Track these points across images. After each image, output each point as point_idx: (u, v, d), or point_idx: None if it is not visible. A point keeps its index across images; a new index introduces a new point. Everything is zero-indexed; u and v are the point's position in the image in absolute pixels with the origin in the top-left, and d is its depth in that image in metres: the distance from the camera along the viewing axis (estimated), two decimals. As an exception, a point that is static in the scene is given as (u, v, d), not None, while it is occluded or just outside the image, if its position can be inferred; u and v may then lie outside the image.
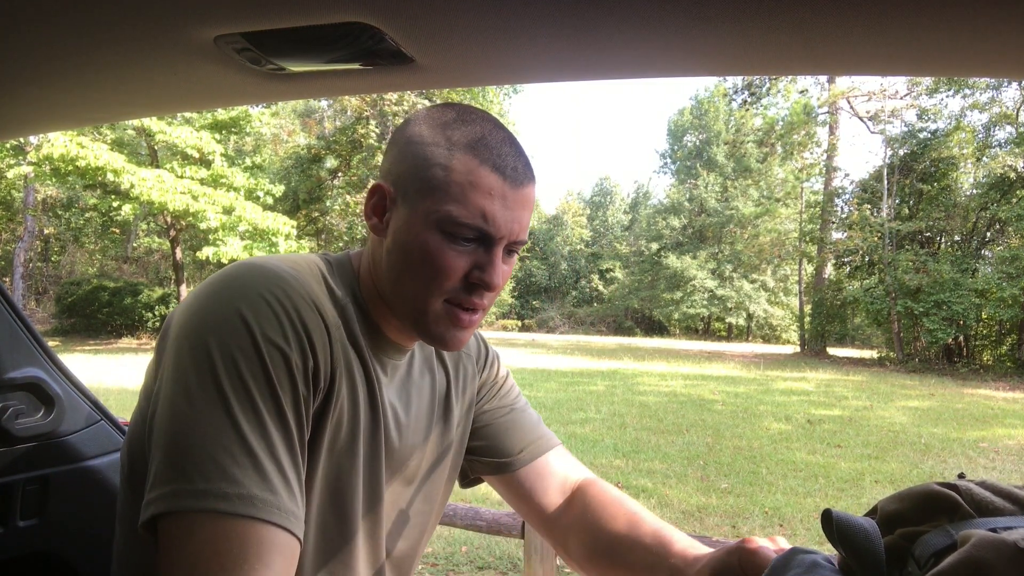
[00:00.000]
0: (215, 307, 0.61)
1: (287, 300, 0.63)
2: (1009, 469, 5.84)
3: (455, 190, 0.66)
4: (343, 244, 23.32)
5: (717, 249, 32.32)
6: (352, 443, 0.70)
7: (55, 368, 1.18)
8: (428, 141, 0.69)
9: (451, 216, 0.66)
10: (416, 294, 0.69)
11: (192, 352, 0.60)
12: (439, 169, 0.67)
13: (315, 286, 0.68)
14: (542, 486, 0.91)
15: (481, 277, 0.69)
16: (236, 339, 0.59)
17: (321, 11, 0.61)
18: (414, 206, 0.68)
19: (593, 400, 9.38)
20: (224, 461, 0.55)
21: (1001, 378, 13.90)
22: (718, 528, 4.14)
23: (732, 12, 0.58)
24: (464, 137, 0.68)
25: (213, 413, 0.57)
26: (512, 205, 0.68)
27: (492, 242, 0.69)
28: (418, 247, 0.67)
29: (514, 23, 0.63)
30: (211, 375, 0.58)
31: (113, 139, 15.35)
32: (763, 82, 23.08)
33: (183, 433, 0.57)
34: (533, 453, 0.92)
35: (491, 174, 0.67)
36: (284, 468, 0.58)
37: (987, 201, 16.60)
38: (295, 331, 0.62)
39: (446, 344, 0.72)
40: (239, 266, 0.66)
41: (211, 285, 0.65)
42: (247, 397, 0.58)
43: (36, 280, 24.57)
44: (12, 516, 1.10)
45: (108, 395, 8.25)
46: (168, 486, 0.55)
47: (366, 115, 21.42)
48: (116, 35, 0.69)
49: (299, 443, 0.62)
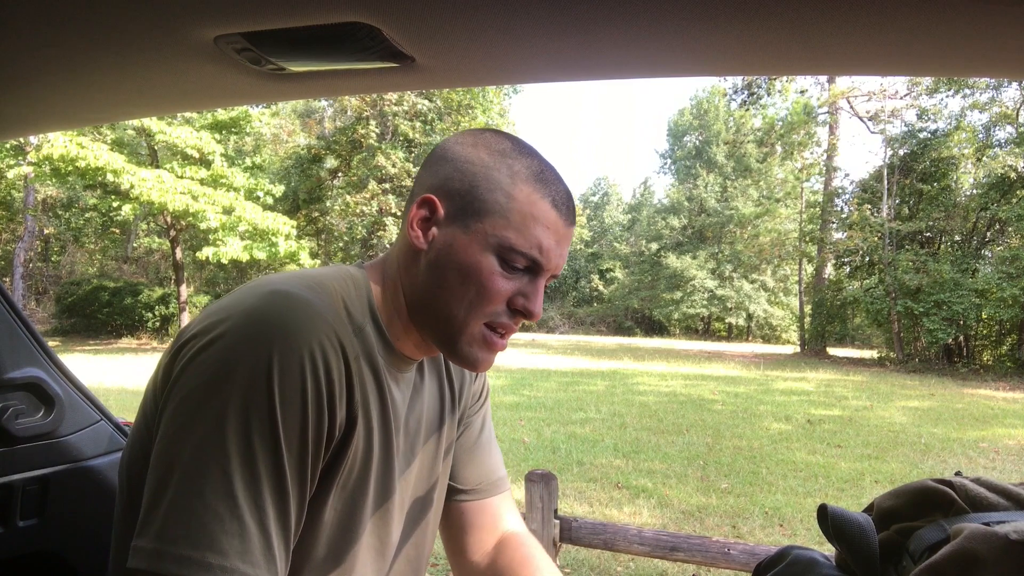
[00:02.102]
0: (242, 351, 0.58)
1: (318, 350, 0.61)
2: (1009, 469, 5.84)
3: (516, 218, 0.68)
4: (343, 244, 23.32)
5: (717, 249, 32.30)
6: (366, 467, 0.70)
7: (55, 368, 1.19)
8: (489, 165, 0.70)
9: (510, 243, 0.68)
10: (457, 313, 0.69)
11: (207, 394, 0.58)
12: (501, 195, 0.69)
13: (341, 317, 0.67)
14: (478, 526, 0.92)
15: (525, 305, 0.71)
16: (255, 395, 0.57)
17: (321, 11, 0.61)
18: (468, 226, 0.69)
19: (593, 400, 9.38)
20: (213, 528, 0.54)
21: (1001, 378, 13.89)
22: (718, 528, 4.14)
23: (732, 12, 0.58)
24: (525, 168, 0.70)
25: (212, 470, 0.55)
26: (562, 241, 0.71)
27: (540, 273, 0.71)
28: (470, 267, 0.68)
29: (514, 23, 0.63)
30: (219, 427, 0.56)
31: (113, 139, 15.34)
32: (763, 82, 23.06)
33: (178, 482, 0.55)
34: (486, 493, 0.94)
35: (551, 209, 0.70)
36: (271, 539, 0.57)
37: (987, 201, 16.57)
38: (317, 390, 0.60)
39: (475, 366, 0.72)
40: (274, 297, 0.62)
41: (246, 317, 0.61)
42: (249, 460, 0.56)
43: (36, 280, 24.55)
44: (12, 516, 1.10)
45: (108, 395, 8.25)
46: (153, 543, 0.54)
47: (366, 115, 21.41)
48: (116, 35, 0.69)
49: (296, 507, 0.61)
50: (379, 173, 21.00)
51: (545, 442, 6.28)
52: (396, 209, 20.98)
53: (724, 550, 2.29)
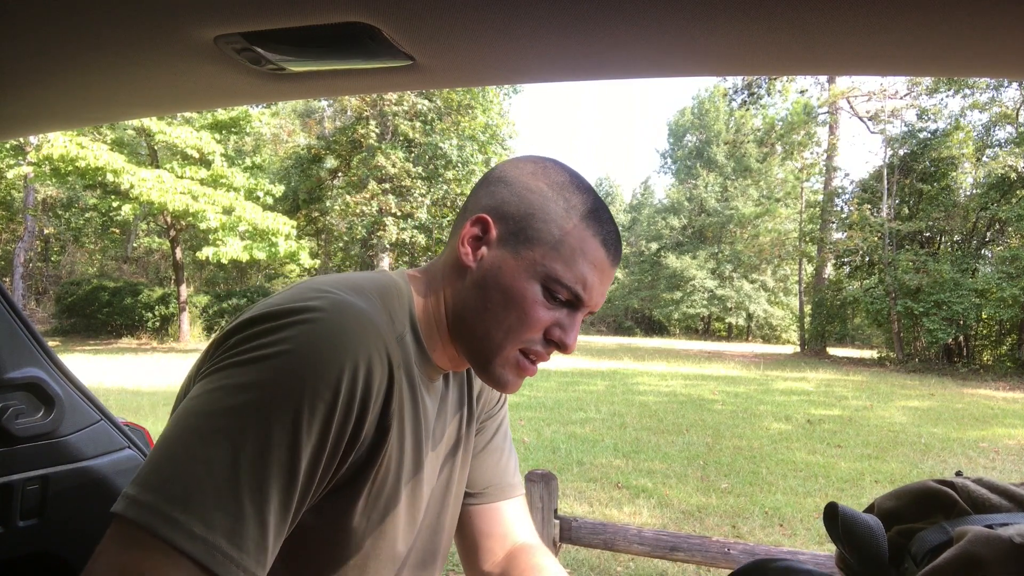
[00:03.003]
0: (288, 347, 0.58)
1: (363, 359, 0.61)
2: (1009, 469, 5.84)
3: (566, 252, 0.70)
4: (343, 244, 23.31)
5: (717, 249, 32.31)
6: (398, 475, 0.71)
7: (55, 368, 1.19)
8: (547, 196, 0.71)
9: (556, 274, 0.69)
10: (495, 335, 0.71)
11: (242, 375, 0.58)
12: (555, 227, 0.70)
13: (388, 326, 0.68)
14: (489, 533, 0.92)
15: (562, 338, 0.72)
16: (288, 389, 0.57)
17: (321, 11, 0.61)
18: (518, 252, 0.70)
19: (593, 400, 9.38)
20: (208, 499, 0.53)
21: (1001, 378, 13.89)
22: (718, 528, 4.14)
23: (732, 12, 0.58)
24: (581, 204, 0.72)
25: (223, 445, 0.55)
26: (604, 280, 0.73)
27: (579, 308, 0.72)
28: (515, 292, 0.69)
29: (514, 23, 0.63)
30: (244, 407, 0.56)
31: (113, 139, 15.34)
32: (763, 82, 23.06)
33: (188, 444, 0.55)
34: (496, 496, 0.94)
35: (600, 248, 0.71)
36: (267, 530, 0.56)
37: (987, 201, 16.57)
38: (350, 397, 0.60)
39: (504, 387, 0.74)
40: (331, 302, 0.63)
41: (301, 316, 0.61)
42: (263, 447, 0.56)
43: (36, 280, 24.55)
44: (12, 516, 1.10)
45: (108, 395, 8.25)
46: (147, 495, 0.53)
47: (366, 115, 21.40)
48: (116, 35, 0.69)
49: (296, 509, 0.60)
50: (379, 173, 20.99)
51: (545, 442, 6.28)
52: (396, 209, 20.96)
53: (724, 550, 2.29)
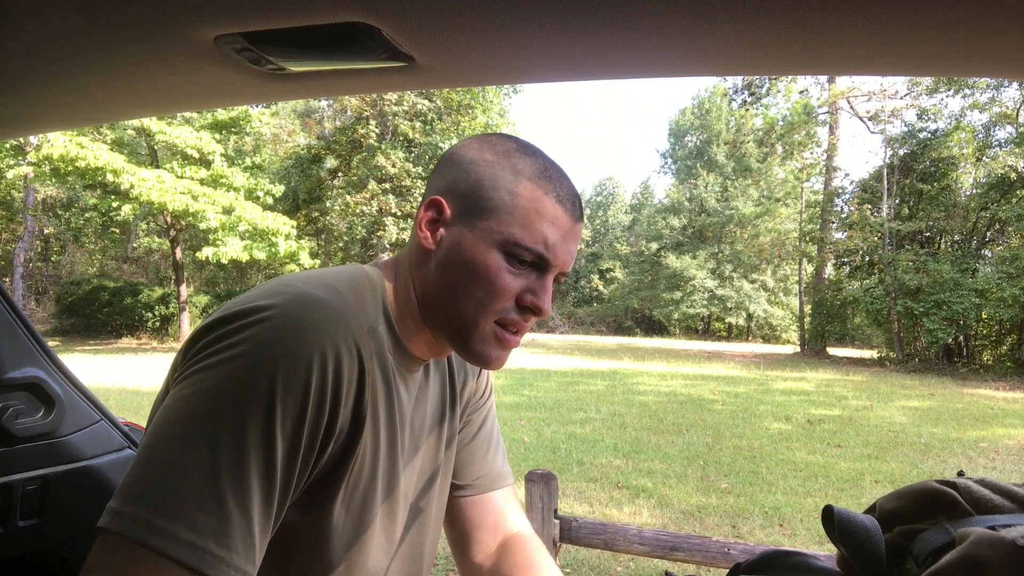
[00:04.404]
0: (256, 345, 0.59)
1: (331, 353, 0.61)
2: (1009, 469, 5.84)
3: (520, 215, 0.69)
4: (343, 244, 23.30)
5: (717, 249, 32.30)
6: (373, 467, 0.71)
7: (55, 368, 1.19)
8: (493, 164, 0.71)
9: (515, 238, 0.69)
10: (467, 311, 0.70)
11: (214, 377, 0.58)
12: (505, 193, 0.70)
13: (358, 318, 0.67)
14: (480, 524, 0.93)
15: (534, 301, 0.71)
16: (258, 386, 0.57)
17: (321, 11, 0.61)
18: (474, 225, 0.70)
19: (593, 400, 9.38)
20: (191, 505, 0.53)
21: (1001, 378, 13.89)
22: (718, 528, 4.14)
23: (732, 12, 0.58)
24: (529, 167, 0.71)
25: (200, 448, 0.55)
26: (569, 237, 0.72)
27: (547, 269, 0.71)
28: (477, 265, 0.69)
29: (514, 23, 0.63)
30: (217, 409, 0.57)
31: (113, 139, 15.34)
32: (763, 82, 23.07)
33: (167, 451, 0.55)
34: (485, 486, 0.94)
35: (556, 205, 0.70)
36: (252, 525, 0.56)
37: (987, 201, 16.57)
38: (322, 391, 0.60)
39: (488, 363, 0.73)
40: (296, 297, 0.63)
41: (266, 313, 0.61)
42: (240, 445, 0.56)
43: (36, 280, 24.55)
44: (12, 516, 1.10)
45: (108, 395, 8.25)
46: (131, 507, 0.53)
47: (366, 115, 21.41)
48: (116, 35, 0.69)
49: (279, 502, 0.60)
50: (379, 173, 21.00)
51: (545, 442, 6.28)
52: (396, 209, 20.97)
53: (724, 550, 2.29)
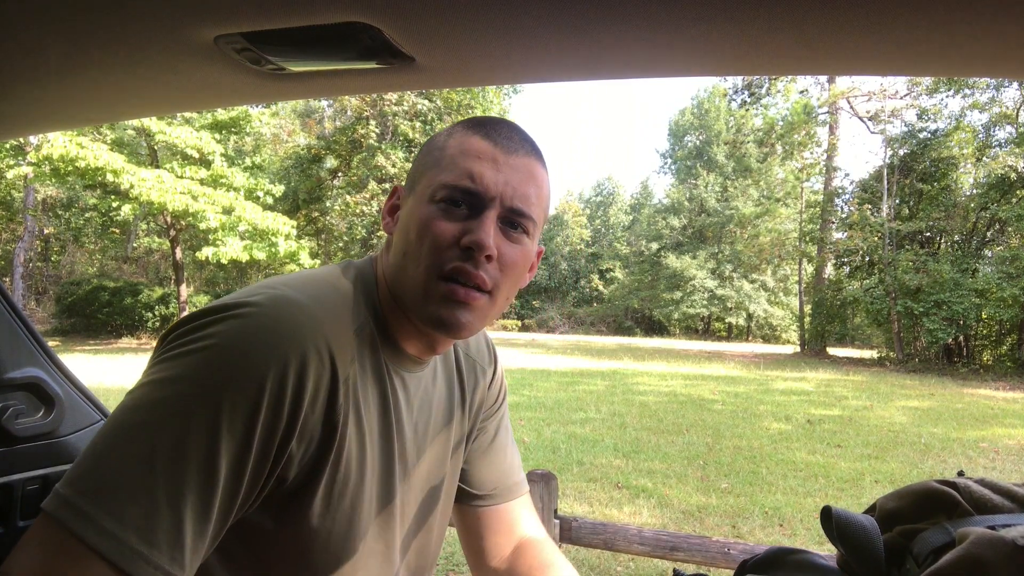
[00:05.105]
0: (217, 349, 0.58)
1: (295, 361, 0.59)
2: (1009, 469, 5.84)
3: (446, 162, 0.69)
4: (343, 244, 23.30)
5: (717, 249, 32.29)
6: (361, 473, 0.69)
7: (55, 368, 1.18)
8: (436, 138, 0.74)
9: (440, 182, 0.68)
10: (415, 273, 0.67)
11: (170, 376, 0.58)
12: (436, 152, 0.71)
13: (340, 321, 0.66)
14: (496, 531, 0.92)
15: (471, 239, 0.65)
16: (210, 388, 0.56)
17: (321, 11, 0.61)
18: (414, 191, 0.72)
19: (593, 400, 9.38)
20: (121, 493, 0.53)
21: (1001, 378, 13.89)
22: (718, 528, 4.14)
23: (732, 12, 0.58)
24: (462, 124, 0.73)
25: (141, 440, 0.55)
26: (504, 168, 0.68)
27: (482, 203, 0.67)
28: (414, 223, 0.69)
29: (514, 23, 0.63)
30: (166, 408, 0.56)
31: (113, 139, 15.34)
32: (763, 82, 23.06)
33: (110, 441, 0.56)
34: (503, 497, 0.92)
35: (481, 140, 0.69)
36: (183, 527, 0.54)
37: (987, 201, 16.57)
38: (278, 400, 0.58)
39: (449, 327, 0.67)
40: (269, 301, 0.62)
41: (234, 317, 0.60)
42: (180, 445, 0.55)
43: (36, 280, 24.55)
44: (12, 516, 1.10)
45: (108, 395, 8.24)
46: (66, 488, 0.53)
47: (366, 115, 21.41)
48: (116, 35, 0.69)
49: (222, 509, 0.57)
50: (379, 173, 20.99)
51: (545, 442, 6.28)
52: (396, 209, 20.99)
53: (724, 550, 2.29)
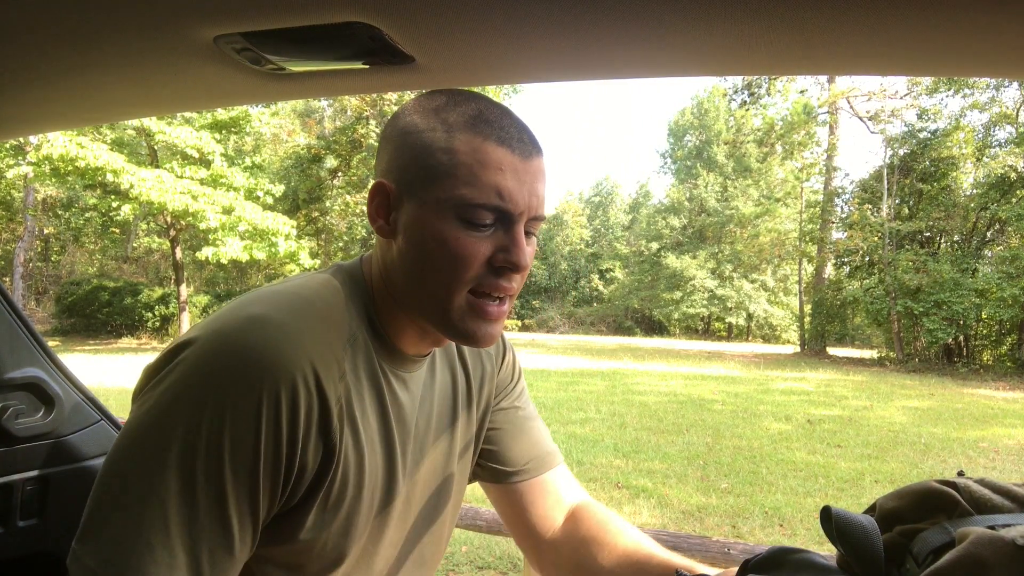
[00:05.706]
0: (199, 385, 0.57)
1: (284, 388, 0.58)
2: (1009, 469, 5.84)
3: (463, 172, 0.63)
4: (343, 244, 23.30)
5: (717, 249, 32.28)
6: (359, 482, 0.68)
7: (55, 368, 1.18)
8: (424, 128, 0.65)
9: (465, 199, 0.62)
10: (438, 290, 0.65)
11: (160, 420, 0.57)
12: (442, 154, 0.63)
13: (326, 336, 0.64)
14: (540, 503, 0.89)
15: (507, 259, 0.64)
16: (204, 429, 0.56)
17: (321, 11, 0.61)
18: (422, 198, 0.64)
19: (593, 400, 9.37)
20: (144, 560, 0.54)
21: (1001, 378, 13.88)
22: (718, 528, 4.14)
23: (732, 12, 0.58)
24: (460, 117, 0.64)
25: (151, 502, 0.55)
26: (525, 178, 0.65)
27: (512, 220, 0.65)
28: (435, 239, 0.63)
29: (514, 23, 0.63)
30: (164, 458, 0.55)
31: (113, 139, 15.33)
32: (763, 82, 23.04)
33: (121, 503, 0.55)
34: (538, 469, 0.90)
35: (498, 148, 0.63)
36: (201, 569, 0.56)
37: (987, 201, 16.57)
38: (276, 429, 0.58)
39: (476, 341, 0.67)
40: (248, 324, 0.60)
41: (212, 346, 0.59)
42: (189, 495, 0.55)
43: (36, 280, 24.55)
44: (12, 516, 1.10)
45: (108, 395, 8.24)
46: (91, 560, 0.54)
47: (366, 115, 21.40)
48: (116, 35, 0.69)
49: (242, 541, 0.59)
50: (379, 173, 20.98)
51: (545, 442, 6.31)
52: (396, 209, 20.98)
53: (724, 550, 2.28)
